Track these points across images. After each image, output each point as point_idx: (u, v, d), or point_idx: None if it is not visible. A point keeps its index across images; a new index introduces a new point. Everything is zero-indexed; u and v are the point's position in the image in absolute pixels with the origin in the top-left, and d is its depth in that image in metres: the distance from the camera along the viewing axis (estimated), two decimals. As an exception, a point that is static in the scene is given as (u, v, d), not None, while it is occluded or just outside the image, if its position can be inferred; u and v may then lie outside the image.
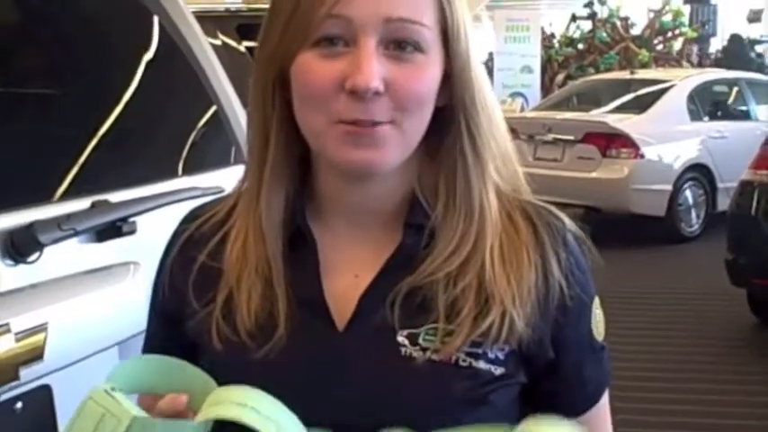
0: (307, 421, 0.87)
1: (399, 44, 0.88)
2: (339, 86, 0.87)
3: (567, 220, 0.99)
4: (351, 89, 0.86)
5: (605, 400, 1.03)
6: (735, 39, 15.33)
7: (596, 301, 1.00)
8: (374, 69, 0.86)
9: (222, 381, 0.88)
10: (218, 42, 4.12)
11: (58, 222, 1.58)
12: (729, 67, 11.18)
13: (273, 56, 0.92)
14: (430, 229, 0.94)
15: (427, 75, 0.90)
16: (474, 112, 0.93)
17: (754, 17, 20.21)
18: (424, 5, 0.89)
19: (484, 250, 0.93)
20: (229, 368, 0.91)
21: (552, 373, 0.96)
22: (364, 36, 0.87)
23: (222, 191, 1.86)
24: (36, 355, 1.48)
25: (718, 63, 14.52)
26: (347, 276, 0.96)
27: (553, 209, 0.99)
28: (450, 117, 0.93)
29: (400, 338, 0.91)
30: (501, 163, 0.96)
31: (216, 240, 0.99)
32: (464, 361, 0.91)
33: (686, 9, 17.08)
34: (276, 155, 0.95)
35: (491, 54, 14.79)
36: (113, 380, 0.88)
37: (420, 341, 0.91)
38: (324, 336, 0.93)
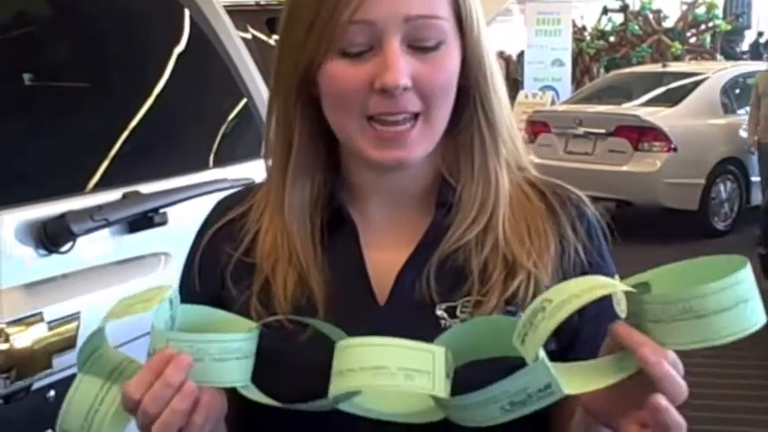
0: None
1: (419, 39, 0.91)
2: (369, 87, 0.90)
3: (582, 195, 1.03)
4: (381, 88, 0.89)
5: None
6: None
7: (617, 278, 1.00)
8: (401, 67, 0.89)
9: (268, 360, 0.90)
10: (248, 36, 4.15)
11: (90, 213, 1.59)
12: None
13: (297, 63, 0.94)
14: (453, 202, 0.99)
15: (449, 65, 0.93)
16: (487, 91, 0.98)
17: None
18: None
19: (501, 216, 0.97)
20: (273, 348, 0.92)
21: (577, 341, 0.98)
22: (387, 37, 0.89)
23: (252, 182, 1.87)
24: (69, 344, 1.50)
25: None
26: (384, 255, 0.99)
27: (565, 184, 1.04)
28: (466, 96, 0.97)
29: (439, 312, 0.95)
30: (509, 139, 1.01)
31: (248, 237, 1.01)
32: None
33: (720, 1, 16.90)
34: (299, 155, 0.98)
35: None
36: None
37: (458, 313, 0.94)
38: (366, 311, 0.96)
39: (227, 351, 0.85)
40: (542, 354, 0.79)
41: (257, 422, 0.97)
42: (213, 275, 1.01)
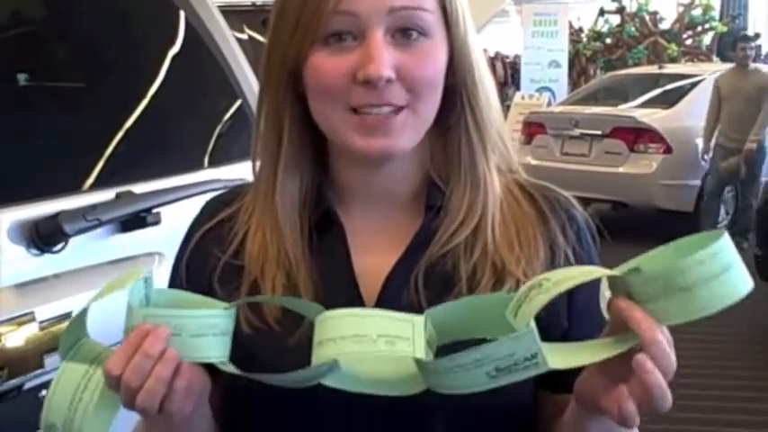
0: (340, 399, 0.89)
1: (404, 31, 0.91)
2: (352, 78, 0.90)
3: (571, 198, 1.03)
4: (364, 79, 0.89)
5: None
6: None
7: (605, 282, 1.00)
8: (385, 58, 0.89)
9: (258, 364, 0.89)
10: (244, 36, 4.15)
11: (82, 213, 1.60)
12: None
13: (285, 57, 0.94)
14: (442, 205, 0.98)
15: (434, 58, 0.93)
16: (474, 89, 0.97)
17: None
18: None
19: (490, 221, 0.97)
20: (262, 352, 0.92)
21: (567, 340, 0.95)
22: (371, 28, 0.90)
23: (244, 181, 1.87)
24: (61, 343, 1.50)
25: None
26: (372, 259, 0.98)
27: (554, 187, 1.03)
28: (453, 96, 0.97)
29: None
30: (498, 140, 1.00)
31: (237, 239, 1.01)
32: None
33: (716, 3, 16.91)
34: (289, 150, 0.98)
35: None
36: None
37: None
38: None
39: (205, 326, 0.85)
40: (533, 324, 0.79)
41: (244, 408, 0.97)
42: (201, 278, 1.01)
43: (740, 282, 0.77)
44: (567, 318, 0.98)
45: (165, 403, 0.84)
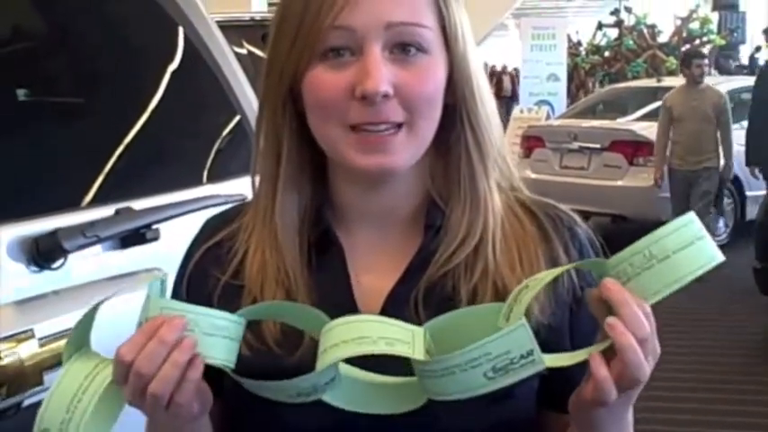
0: (341, 421, 0.90)
1: (403, 47, 0.91)
2: (349, 94, 0.90)
3: (574, 215, 1.02)
4: (361, 95, 0.89)
5: None
6: None
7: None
8: (382, 74, 0.89)
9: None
10: (243, 51, 4.15)
11: (81, 229, 1.59)
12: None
13: (283, 72, 0.94)
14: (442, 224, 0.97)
15: (433, 75, 0.93)
16: (474, 106, 0.96)
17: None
18: (423, 7, 0.92)
19: (491, 240, 0.96)
20: (261, 374, 0.91)
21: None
22: (368, 43, 0.89)
23: (244, 198, 1.87)
24: (60, 360, 1.49)
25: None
26: (372, 280, 0.98)
27: (556, 203, 1.02)
28: (453, 113, 0.96)
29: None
30: (499, 158, 1.00)
31: (236, 259, 1.00)
32: None
33: (714, 16, 16.97)
34: (288, 168, 0.97)
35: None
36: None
37: None
38: None
39: (217, 327, 0.85)
40: (524, 319, 0.80)
41: (243, 424, 0.97)
42: (201, 297, 0.99)
43: (713, 250, 0.80)
44: (570, 337, 0.96)
45: (175, 395, 0.83)
